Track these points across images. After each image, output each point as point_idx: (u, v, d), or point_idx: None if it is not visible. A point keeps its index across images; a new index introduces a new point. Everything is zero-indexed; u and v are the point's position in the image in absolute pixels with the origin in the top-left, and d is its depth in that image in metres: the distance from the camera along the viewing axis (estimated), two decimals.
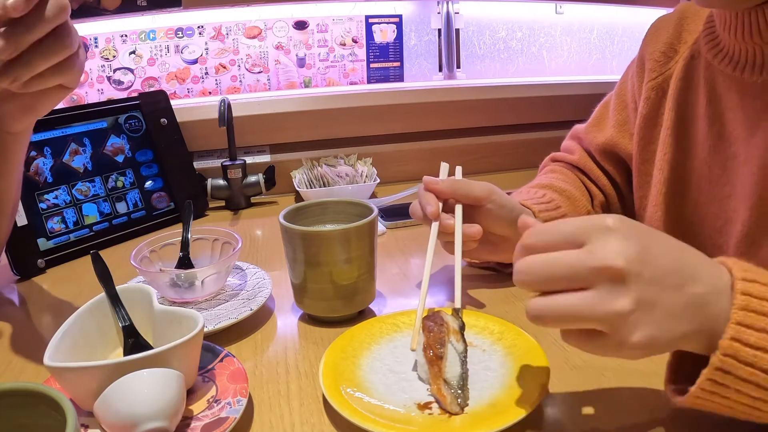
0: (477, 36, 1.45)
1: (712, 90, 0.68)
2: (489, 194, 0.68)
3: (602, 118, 0.88)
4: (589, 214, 0.80)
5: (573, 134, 0.92)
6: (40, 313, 0.73)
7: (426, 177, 0.69)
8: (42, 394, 0.36)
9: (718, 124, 0.67)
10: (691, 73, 0.71)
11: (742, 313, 0.39)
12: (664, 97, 0.75)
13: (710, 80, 0.68)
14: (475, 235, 0.65)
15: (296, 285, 0.65)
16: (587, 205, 0.82)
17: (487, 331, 0.59)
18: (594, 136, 0.87)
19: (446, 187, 0.67)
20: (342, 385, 0.51)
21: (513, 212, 0.69)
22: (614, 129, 0.84)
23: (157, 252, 0.72)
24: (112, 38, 1.24)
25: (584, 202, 0.81)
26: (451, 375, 0.50)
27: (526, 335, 0.56)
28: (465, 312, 0.60)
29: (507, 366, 0.53)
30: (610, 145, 0.84)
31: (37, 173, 0.90)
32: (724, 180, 0.67)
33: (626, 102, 0.84)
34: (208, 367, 0.54)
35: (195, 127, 1.12)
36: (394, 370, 0.54)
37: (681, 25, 0.75)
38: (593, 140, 0.87)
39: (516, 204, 0.71)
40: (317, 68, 1.36)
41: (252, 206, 1.10)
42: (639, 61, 0.80)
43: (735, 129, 0.65)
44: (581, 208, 0.80)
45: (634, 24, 1.54)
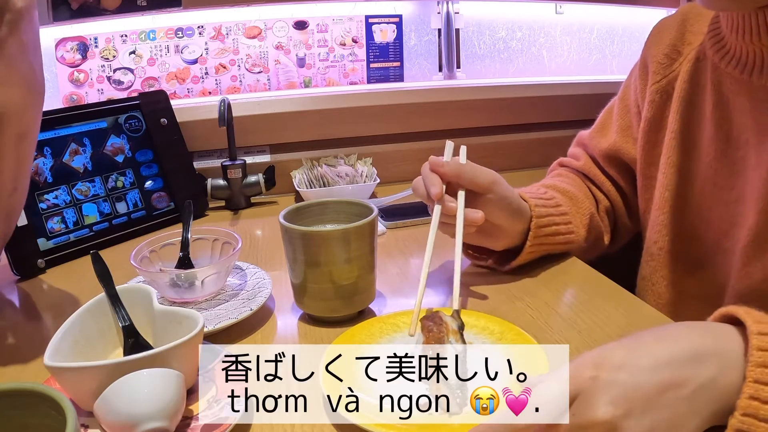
0: (477, 36, 1.45)
1: (718, 93, 0.67)
2: (492, 184, 0.68)
3: (606, 123, 0.87)
4: (592, 217, 0.80)
5: (578, 141, 0.92)
6: (40, 313, 0.73)
7: (432, 157, 0.68)
8: (42, 394, 0.36)
9: (725, 128, 0.66)
10: (697, 76, 0.70)
11: (759, 370, 0.38)
12: (669, 100, 0.74)
13: (717, 83, 0.67)
14: (478, 221, 0.65)
15: (296, 285, 0.65)
16: (591, 208, 0.81)
17: (487, 330, 0.59)
18: (598, 141, 0.86)
19: (451, 171, 0.67)
20: (342, 384, 0.51)
21: (512, 204, 0.70)
22: (617, 134, 0.84)
23: (157, 252, 0.72)
24: (112, 38, 1.24)
25: (588, 204, 0.81)
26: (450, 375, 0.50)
27: (527, 335, 0.56)
28: (465, 312, 0.60)
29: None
30: (613, 150, 0.84)
31: (37, 173, 0.89)
32: (731, 184, 0.66)
33: (629, 106, 0.83)
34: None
35: (195, 127, 1.12)
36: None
37: (684, 26, 0.74)
38: (597, 146, 0.86)
39: (516, 196, 0.72)
40: (317, 68, 1.36)
41: (252, 206, 1.10)
42: (641, 64, 0.80)
43: (743, 133, 0.64)
44: (584, 210, 0.80)
45: (634, 24, 1.54)
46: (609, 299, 0.68)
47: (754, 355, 0.38)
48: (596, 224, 0.82)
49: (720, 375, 0.39)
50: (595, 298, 0.69)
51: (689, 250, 0.72)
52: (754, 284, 0.63)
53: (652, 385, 0.38)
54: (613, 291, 0.71)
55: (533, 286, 0.73)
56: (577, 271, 0.77)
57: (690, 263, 0.72)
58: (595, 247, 0.83)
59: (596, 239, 0.83)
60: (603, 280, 0.74)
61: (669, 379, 0.38)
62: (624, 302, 0.68)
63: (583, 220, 0.79)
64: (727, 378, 0.39)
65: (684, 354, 0.39)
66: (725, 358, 0.39)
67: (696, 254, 0.71)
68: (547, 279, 0.75)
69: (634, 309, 0.66)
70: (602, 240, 0.84)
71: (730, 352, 0.39)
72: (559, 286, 0.73)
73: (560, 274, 0.76)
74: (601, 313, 0.65)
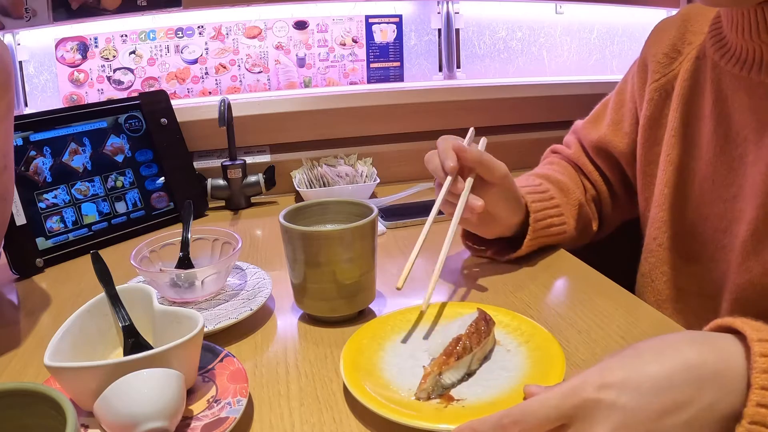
0: (477, 36, 1.45)
1: (718, 91, 0.67)
2: (503, 178, 0.71)
3: (600, 116, 0.90)
4: (581, 206, 0.84)
5: (573, 129, 0.95)
6: (39, 313, 0.73)
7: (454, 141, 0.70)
8: (42, 394, 0.36)
9: (724, 125, 0.67)
10: (697, 74, 0.71)
11: (765, 376, 0.37)
12: (668, 98, 0.75)
13: (717, 81, 0.68)
14: (478, 209, 0.67)
15: (296, 285, 0.65)
16: (580, 197, 0.84)
17: (518, 332, 0.59)
18: (589, 132, 0.89)
19: (473, 157, 0.69)
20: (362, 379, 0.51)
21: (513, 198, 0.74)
22: (608, 128, 0.86)
23: (157, 252, 0.72)
24: (112, 38, 1.24)
25: (577, 194, 0.84)
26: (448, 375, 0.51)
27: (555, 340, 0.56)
28: (501, 310, 0.62)
29: (522, 370, 0.53)
30: (603, 142, 0.86)
31: (36, 173, 0.89)
32: (729, 181, 0.66)
33: (624, 101, 0.85)
34: (208, 367, 0.54)
35: (195, 127, 1.12)
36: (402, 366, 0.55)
37: (684, 26, 0.75)
38: (588, 136, 0.89)
39: (518, 192, 0.75)
40: (317, 68, 1.36)
41: (252, 206, 1.10)
42: (641, 63, 0.81)
43: (743, 130, 0.65)
44: (574, 200, 0.83)
45: (634, 24, 1.54)
46: (608, 298, 0.68)
47: (757, 362, 0.38)
48: (585, 213, 0.85)
49: (719, 400, 0.38)
50: (594, 297, 0.69)
51: (689, 247, 0.73)
52: (753, 278, 0.63)
53: (651, 411, 0.38)
54: (612, 290, 0.71)
55: (533, 286, 0.73)
56: (577, 271, 0.77)
57: (689, 259, 0.73)
58: (584, 234, 0.87)
59: (585, 226, 0.86)
60: (603, 279, 0.74)
61: (669, 403, 0.38)
62: (623, 301, 0.68)
63: (573, 211, 0.82)
64: (725, 403, 0.38)
65: (684, 376, 0.39)
66: (726, 379, 0.38)
67: (695, 250, 0.72)
68: (546, 279, 0.75)
69: (634, 308, 0.66)
70: (591, 227, 0.88)
71: (731, 372, 0.39)
72: (558, 285, 0.73)
73: (560, 274, 0.76)
74: (601, 313, 0.65)
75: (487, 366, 0.54)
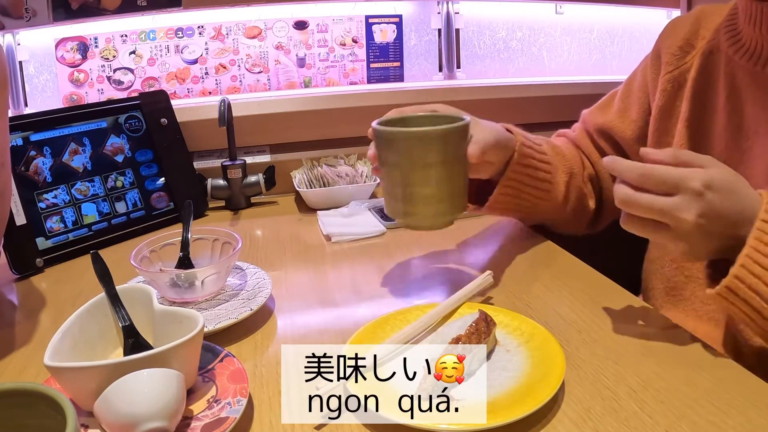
0: (477, 36, 1.45)
1: (731, 84, 0.69)
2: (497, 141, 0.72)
3: (608, 104, 0.91)
4: (572, 175, 0.84)
5: (580, 118, 0.96)
6: (39, 313, 0.73)
7: None
8: (42, 394, 0.36)
9: (736, 118, 0.68)
10: (710, 68, 0.73)
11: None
12: (680, 89, 0.77)
13: (730, 75, 0.69)
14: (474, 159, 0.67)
15: (402, 195, 0.65)
16: (573, 167, 0.85)
17: (518, 332, 0.59)
18: (595, 117, 0.90)
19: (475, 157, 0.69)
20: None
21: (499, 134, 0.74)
22: (615, 114, 0.87)
23: (157, 252, 0.72)
24: (112, 38, 1.24)
25: (572, 163, 0.84)
26: None
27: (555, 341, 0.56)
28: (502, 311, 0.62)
29: (522, 370, 0.53)
30: (608, 127, 0.87)
31: (36, 173, 0.89)
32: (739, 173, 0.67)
33: (633, 91, 0.86)
34: (208, 367, 0.54)
35: (195, 127, 1.12)
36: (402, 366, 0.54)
37: (698, 23, 0.77)
38: (593, 120, 0.90)
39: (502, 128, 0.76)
40: (317, 68, 1.36)
41: (252, 206, 1.10)
42: (654, 55, 0.82)
43: (754, 123, 0.66)
44: (566, 166, 0.83)
45: (634, 24, 1.54)
46: (609, 298, 0.68)
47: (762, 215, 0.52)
48: (577, 185, 0.84)
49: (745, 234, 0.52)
50: (594, 297, 0.69)
51: None
52: None
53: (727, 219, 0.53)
54: (612, 290, 0.71)
55: (533, 286, 0.73)
56: (577, 271, 0.77)
57: None
58: (580, 212, 0.86)
59: (579, 200, 0.85)
60: (603, 279, 0.74)
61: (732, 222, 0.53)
62: (623, 301, 0.68)
63: (563, 172, 0.82)
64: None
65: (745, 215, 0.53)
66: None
67: None
68: (547, 279, 0.75)
69: (634, 308, 0.66)
70: (587, 205, 0.87)
71: None
72: (558, 285, 0.73)
73: (560, 274, 0.76)
74: (601, 312, 0.65)
75: (487, 366, 0.54)
